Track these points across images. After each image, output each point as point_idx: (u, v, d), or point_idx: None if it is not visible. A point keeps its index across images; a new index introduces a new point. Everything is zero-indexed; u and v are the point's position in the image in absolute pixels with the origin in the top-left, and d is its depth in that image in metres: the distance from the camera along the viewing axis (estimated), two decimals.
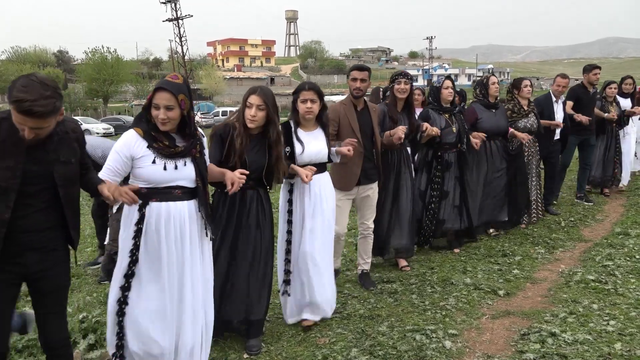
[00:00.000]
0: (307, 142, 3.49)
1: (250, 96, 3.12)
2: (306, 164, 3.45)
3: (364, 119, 4.06)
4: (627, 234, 5.54)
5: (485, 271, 4.59)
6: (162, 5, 38.96)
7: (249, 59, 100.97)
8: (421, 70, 76.79)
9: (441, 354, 3.15)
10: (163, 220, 2.63)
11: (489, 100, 5.47)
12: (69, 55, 75.71)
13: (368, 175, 4.11)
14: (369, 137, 4.05)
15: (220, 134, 3.14)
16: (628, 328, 3.38)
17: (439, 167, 4.94)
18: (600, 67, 6.96)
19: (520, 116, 5.77)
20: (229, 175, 2.86)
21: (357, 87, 4.01)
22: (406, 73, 4.49)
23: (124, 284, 2.65)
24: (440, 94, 4.92)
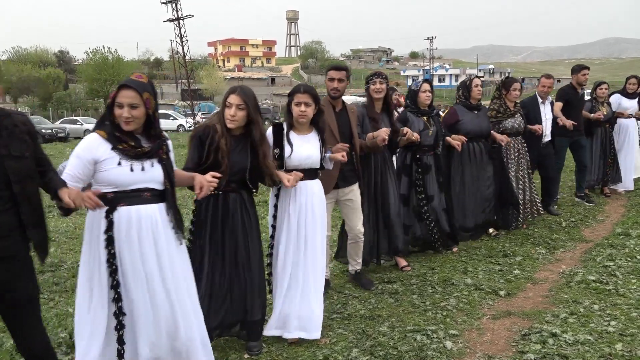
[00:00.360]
0: (298, 145, 3.38)
1: (230, 96, 3.06)
2: (294, 167, 3.35)
3: (343, 120, 3.97)
4: (628, 235, 5.53)
5: (486, 271, 4.59)
6: (163, 5, 38.93)
7: (250, 59, 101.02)
8: (422, 71, 76.78)
9: (442, 355, 3.15)
10: (134, 225, 2.51)
11: (470, 102, 5.40)
12: (69, 55, 75.70)
13: (346, 178, 3.99)
14: (347, 139, 3.92)
15: (200, 136, 3.06)
16: (629, 328, 3.38)
17: (419, 169, 4.88)
18: (589, 67, 6.88)
19: (506, 116, 5.70)
20: (198, 179, 2.77)
21: (334, 87, 3.91)
22: (380, 73, 4.42)
23: (114, 296, 2.51)
24: (418, 97, 4.85)
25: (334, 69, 3.97)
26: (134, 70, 55.58)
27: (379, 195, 4.44)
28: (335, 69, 3.96)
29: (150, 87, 2.54)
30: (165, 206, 2.62)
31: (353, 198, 4.06)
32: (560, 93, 6.74)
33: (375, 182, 4.41)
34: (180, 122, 33.90)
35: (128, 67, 51.77)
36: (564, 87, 6.87)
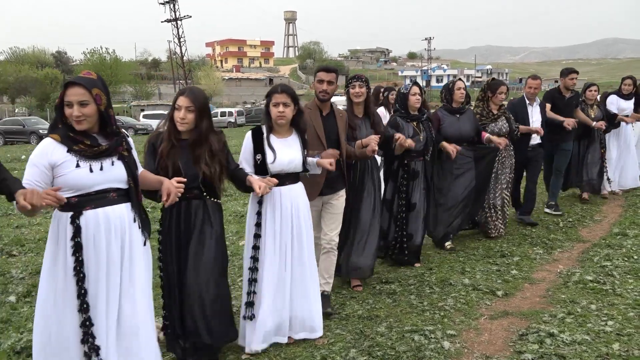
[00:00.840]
0: (279, 149, 3.25)
1: (179, 98, 2.94)
2: (277, 172, 3.23)
3: (330, 124, 3.79)
4: (625, 235, 5.55)
5: (483, 272, 4.60)
6: (160, 5, 38.95)
7: (248, 59, 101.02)
8: (420, 71, 76.86)
9: (440, 355, 3.15)
10: (103, 229, 2.40)
11: (452, 106, 5.22)
12: (67, 56, 75.57)
13: (332, 185, 3.79)
14: (334, 143, 3.75)
15: (153, 143, 2.96)
16: (626, 328, 3.39)
17: (406, 175, 4.69)
18: (578, 71, 6.73)
19: (489, 120, 5.52)
20: (166, 184, 2.64)
21: (323, 89, 3.72)
22: (360, 76, 4.22)
23: (82, 306, 2.38)
24: (408, 101, 4.64)
25: (323, 70, 3.78)
26: (131, 70, 55.61)
27: (355, 205, 4.20)
28: (324, 70, 3.78)
29: (100, 83, 2.44)
30: (131, 205, 2.54)
31: (335, 204, 3.84)
32: (545, 95, 6.66)
33: (353, 191, 4.16)
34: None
35: (126, 67, 51.79)
36: (551, 89, 6.81)
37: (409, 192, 4.72)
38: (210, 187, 3.01)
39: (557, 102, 6.50)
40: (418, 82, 4.86)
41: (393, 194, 4.75)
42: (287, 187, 3.29)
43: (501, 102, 5.58)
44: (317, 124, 3.71)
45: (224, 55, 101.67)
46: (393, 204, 4.75)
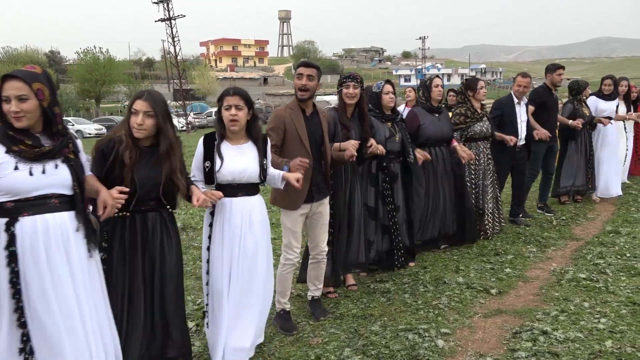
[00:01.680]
0: (231, 157, 2.98)
1: (136, 101, 2.67)
2: (229, 182, 2.98)
3: (314, 125, 3.55)
4: (618, 233, 5.57)
5: (477, 270, 4.61)
6: (154, 5, 38.76)
7: (242, 59, 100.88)
8: (414, 70, 76.95)
9: (434, 353, 3.16)
10: (41, 238, 2.19)
11: (431, 104, 5.00)
12: (60, 55, 75.25)
13: (320, 190, 3.61)
14: (318, 146, 3.56)
15: (103, 150, 2.65)
16: (618, 325, 3.41)
17: (387, 178, 4.47)
18: (564, 66, 6.46)
19: (475, 120, 5.34)
20: (102, 195, 2.41)
21: (302, 84, 3.44)
22: (355, 76, 4.01)
23: (19, 321, 2.18)
24: (381, 100, 4.44)
25: (302, 65, 3.51)
26: (125, 70, 55.40)
27: (347, 207, 4.08)
28: (304, 65, 3.50)
29: (43, 77, 2.23)
30: (75, 213, 2.32)
31: (322, 212, 3.67)
32: (534, 95, 6.32)
33: (344, 193, 4.04)
34: (173, 122, 33.81)
35: (119, 67, 51.58)
36: (538, 88, 6.44)
37: (393, 194, 4.52)
38: (171, 196, 2.78)
39: (548, 101, 6.21)
40: (390, 80, 4.60)
41: (376, 200, 4.47)
42: (239, 199, 3.00)
43: (484, 97, 5.40)
44: (299, 124, 3.48)
45: (218, 54, 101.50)
46: (377, 211, 4.48)
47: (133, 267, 2.69)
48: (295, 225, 3.54)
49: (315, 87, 3.50)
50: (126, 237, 2.68)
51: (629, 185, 8.03)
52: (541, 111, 6.15)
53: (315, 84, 3.50)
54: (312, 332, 3.53)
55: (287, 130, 3.45)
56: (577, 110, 6.69)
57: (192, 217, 7.02)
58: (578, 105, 6.75)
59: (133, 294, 2.70)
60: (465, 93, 5.45)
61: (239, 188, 3.01)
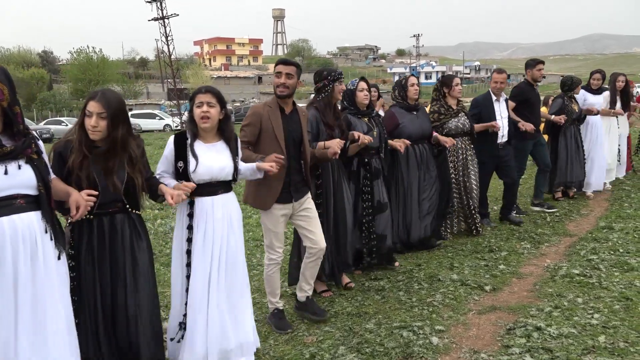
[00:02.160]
0: (207, 156, 2.94)
1: (89, 103, 2.59)
2: (207, 182, 2.94)
3: (292, 124, 3.49)
4: (611, 228, 5.60)
5: (472, 267, 4.62)
6: (147, 4, 38.60)
7: (236, 57, 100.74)
8: (408, 68, 77.04)
9: (428, 350, 3.17)
10: (8, 239, 2.13)
11: (408, 103, 4.96)
12: (53, 55, 74.94)
13: (299, 188, 3.56)
14: (296, 145, 3.50)
15: (60, 152, 2.61)
16: (612, 321, 3.42)
17: (368, 175, 4.41)
18: (544, 61, 6.40)
19: (450, 116, 5.31)
20: (74, 196, 2.36)
21: (281, 82, 3.38)
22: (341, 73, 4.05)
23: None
24: (356, 97, 4.40)
25: (281, 62, 3.45)
26: (119, 70, 55.19)
27: (335, 204, 4.06)
28: (282, 62, 3.45)
29: (2, 75, 2.15)
30: (42, 214, 2.26)
31: (310, 206, 3.61)
32: (515, 91, 6.26)
33: (332, 190, 4.03)
34: (167, 121, 33.73)
35: (113, 66, 51.43)
36: (520, 84, 6.38)
37: (373, 191, 4.45)
38: (134, 198, 2.73)
39: (531, 96, 6.18)
40: (365, 78, 4.54)
41: (355, 196, 4.40)
42: (220, 197, 3.00)
43: (459, 94, 5.38)
44: (276, 123, 3.39)
45: (212, 53, 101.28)
46: (357, 207, 4.42)
47: (102, 270, 2.64)
48: (276, 225, 3.49)
49: (295, 85, 3.44)
50: (94, 241, 2.63)
51: (622, 181, 8.07)
52: (524, 107, 6.12)
53: (295, 82, 3.43)
54: (306, 331, 3.53)
55: (263, 128, 3.39)
56: (566, 106, 6.69)
57: None
58: (568, 102, 6.75)
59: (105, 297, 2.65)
60: (441, 90, 5.41)
61: (218, 186, 3.00)
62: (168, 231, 6.35)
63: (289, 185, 3.48)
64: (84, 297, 2.61)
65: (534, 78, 6.21)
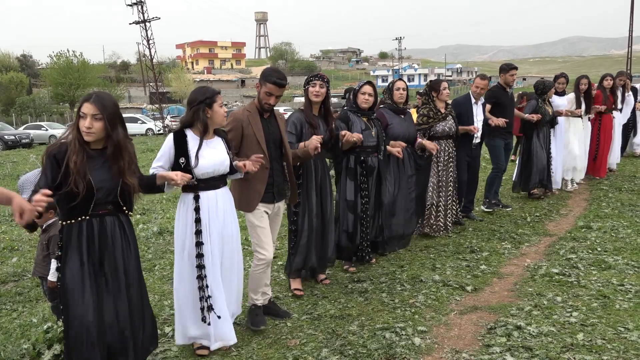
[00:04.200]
0: (207, 151, 3.15)
1: (84, 104, 2.60)
2: (209, 176, 3.15)
3: (271, 127, 3.64)
4: (590, 228, 5.70)
5: (453, 268, 4.66)
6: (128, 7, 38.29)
7: (219, 61, 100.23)
8: (391, 71, 77.46)
9: (410, 351, 3.19)
10: None
11: (395, 105, 5.08)
12: (33, 59, 73.86)
13: (281, 190, 3.74)
14: (277, 147, 3.67)
15: (55, 155, 2.60)
16: (590, 319, 3.49)
17: (365, 172, 4.58)
18: (517, 67, 6.64)
19: (437, 120, 5.54)
20: (16, 201, 2.29)
21: (269, 103, 3.57)
22: (323, 76, 4.14)
23: None
24: (357, 99, 4.60)
25: (276, 84, 3.52)
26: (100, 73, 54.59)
27: (321, 202, 4.24)
28: (278, 85, 3.52)
29: None
30: None
31: (279, 213, 3.85)
32: (488, 94, 6.44)
33: (317, 189, 4.19)
34: (149, 125, 33.46)
35: (94, 70, 50.82)
36: (492, 87, 6.61)
37: (370, 188, 4.63)
38: (129, 200, 2.78)
39: (503, 99, 6.45)
40: (372, 82, 4.73)
41: (355, 193, 4.59)
42: (222, 190, 3.25)
43: (447, 97, 5.64)
44: (256, 127, 3.53)
45: (195, 57, 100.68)
46: (357, 204, 4.60)
47: (94, 272, 2.66)
48: (262, 220, 3.61)
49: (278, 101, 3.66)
50: (83, 243, 2.64)
51: (599, 181, 8.21)
52: (496, 109, 6.34)
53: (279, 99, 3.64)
54: (289, 334, 3.54)
55: (244, 133, 3.52)
56: (539, 107, 6.84)
57: (169, 221, 6.96)
58: (542, 104, 6.90)
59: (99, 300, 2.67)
60: (430, 94, 5.64)
61: (219, 180, 3.22)
62: (150, 236, 6.30)
63: (272, 187, 3.64)
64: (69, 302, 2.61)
65: (507, 82, 6.48)
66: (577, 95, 7.53)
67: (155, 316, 3.69)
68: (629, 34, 39.55)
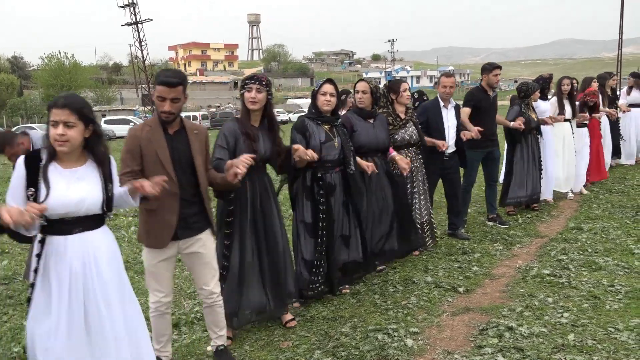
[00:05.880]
0: (62, 183, 2.30)
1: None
2: (61, 216, 2.29)
3: (179, 145, 2.89)
4: (580, 229, 5.74)
5: (445, 269, 4.68)
6: (120, 9, 38.20)
7: (212, 63, 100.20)
8: (384, 73, 77.70)
9: (403, 352, 3.20)
10: None
11: (360, 108, 4.47)
12: (24, 61, 73.48)
13: (190, 224, 2.94)
14: (187, 170, 2.90)
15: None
16: (580, 319, 3.51)
17: (321, 191, 3.89)
18: (501, 66, 5.95)
19: (398, 127, 4.80)
20: None
21: (166, 110, 2.81)
22: (260, 77, 3.38)
23: None
24: (317, 100, 3.93)
25: (164, 84, 2.77)
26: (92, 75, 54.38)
27: (264, 230, 3.52)
28: (166, 84, 2.77)
29: None
30: None
31: (202, 251, 3.02)
32: (467, 97, 5.83)
33: (257, 214, 3.48)
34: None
35: (86, 72, 50.65)
36: (472, 89, 5.98)
37: (329, 209, 3.94)
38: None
39: (483, 103, 5.74)
40: (332, 80, 4.01)
41: (314, 215, 3.91)
42: (76, 236, 2.34)
43: (407, 99, 4.89)
44: (158, 145, 2.83)
45: (187, 58, 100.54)
46: (317, 228, 3.90)
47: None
48: (155, 265, 2.94)
49: (182, 104, 2.87)
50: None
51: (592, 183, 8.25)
52: (475, 114, 5.69)
53: (182, 102, 2.86)
54: (282, 336, 3.54)
55: (143, 153, 2.82)
56: (523, 113, 6.24)
57: None
58: (525, 109, 6.32)
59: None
60: (388, 96, 4.86)
61: (75, 223, 2.34)
62: None
63: (177, 220, 2.90)
64: None
65: (490, 83, 5.82)
66: (560, 98, 6.94)
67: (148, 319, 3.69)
68: (619, 37, 39.95)
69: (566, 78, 7.01)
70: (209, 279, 3.08)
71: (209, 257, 3.08)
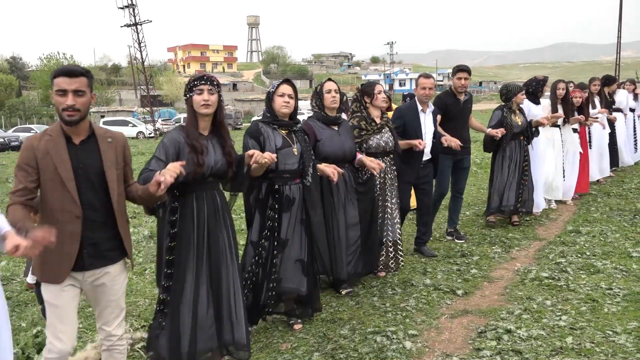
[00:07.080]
0: None
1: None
2: None
3: (86, 157, 2.42)
4: (579, 232, 5.75)
5: (444, 272, 4.69)
6: (120, 10, 38.12)
7: (211, 64, 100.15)
8: (382, 75, 77.78)
9: (401, 355, 3.20)
10: None
11: (326, 114, 4.05)
12: (22, 61, 73.42)
13: (101, 252, 2.47)
14: (97, 187, 2.43)
15: None
16: (579, 322, 3.52)
17: (276, 205, 3.48)
18: (469, 69, 5.48)
19: (372, 132, 4.38)
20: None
21: (68, 105, 2.33)
22: (210, 77, 2.94)
23: None
24: (273, 102, 3.55)
25: (62, 74, 2.33)
26: None
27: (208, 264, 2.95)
28: (64, 74, 2.33)
29: None
30: None
31: (108, 283, 2.52)
32: (435, 101, 5.42)
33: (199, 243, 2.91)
34: (140, 128, 33.33)
35: None
36: (441, 94, 5.61)
37: (280, 227, 3.50)
38: None
39: (452, 108, 5.38)
40: (290, 80, 3.61)
41: (260, 231, 3.50)
42: None
43: (383, 102, 4.50)
44: (58, 158, 2.35)
45: (187, 60, 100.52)
46: (261, 248, 3.50)
47: None
48: (59, 297, 2.42)
49: (89, 102, 2.40)
50: None
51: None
52: (445, 119, 5.32)
53: (88, 99, 2.39)
54: (280, 338, 3.54)
55: (40, 168, 2.35)
56: (504, 118, 5.80)
57: None
58: (507, 113, 5.85)
59: None
60: (362, 100, 4.46)
61: None
62: (140, 240, 6.28)
63: (81, 247, 2.41)
64: None
65: (455, 87, 5.43)
66: (554, 102, 6.58)
67: (146, 320, 3.70)
68: (617, 41, 40.03)
69: (561, 82, 6.70)
70: (111, 319, 2.59)
71: (118, 293, 2.58)
